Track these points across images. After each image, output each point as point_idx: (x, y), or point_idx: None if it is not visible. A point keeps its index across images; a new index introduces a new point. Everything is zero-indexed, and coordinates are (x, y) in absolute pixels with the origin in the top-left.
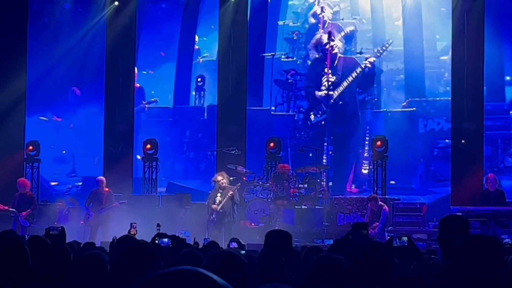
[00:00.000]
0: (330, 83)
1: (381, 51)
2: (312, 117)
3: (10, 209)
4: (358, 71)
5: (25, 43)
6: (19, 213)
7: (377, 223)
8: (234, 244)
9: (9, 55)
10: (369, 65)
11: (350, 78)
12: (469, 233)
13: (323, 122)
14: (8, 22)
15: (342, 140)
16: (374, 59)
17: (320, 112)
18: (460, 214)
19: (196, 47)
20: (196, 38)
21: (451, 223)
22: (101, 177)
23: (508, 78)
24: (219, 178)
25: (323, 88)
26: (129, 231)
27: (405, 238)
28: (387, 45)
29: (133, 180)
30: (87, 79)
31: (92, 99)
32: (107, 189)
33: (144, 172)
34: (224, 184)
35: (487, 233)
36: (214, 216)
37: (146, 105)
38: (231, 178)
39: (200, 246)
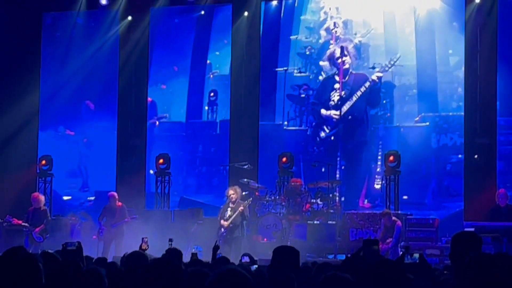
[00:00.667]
0: (339, 97)
1: (389, 66)
2: (322, 134)
3: (23, 223)
4: (366, 86)
5: (38, 58)
6: (32, 228)
7: (391, 239)
8: (246, 258)
9: (22, 70)
10: (377, 80)
11: (358, 93)
12: (482, 250)
13: (332, 138)
14: (22, 37)
15: (354, 155)
16: (381, 74)
17: (328, 128)
18: (472, 230)
19: (209, 61)
20: (209, 53)
21: (464, 239)
22: (113, 192)
23: None
24: (231, 192)
25: (331, 103)
26: (140, 246)
27: (416, 255)
28: (395, 60)
29: (145, 194)
30: (100, 93)
31: (105, 113)
32: (120, 203)
33: (156, 186)
34: (234, 199)
35: (500, 249)
36: (223, 231)
37: (157, 121)
38: (243, 193)
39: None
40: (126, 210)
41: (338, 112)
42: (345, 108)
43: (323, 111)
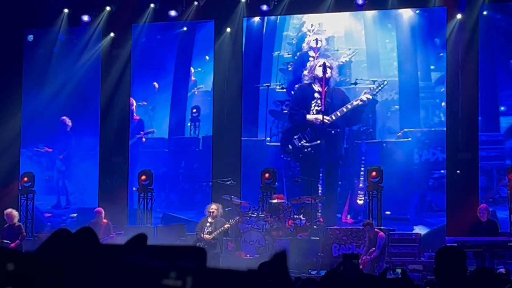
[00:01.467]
0: (319, 109)
1: (376, 90)
2: (296, 142)
3: (4, 240)
4: (355, 104)
5: (20, 76)
6: (8, 243)
7: (375, 250)
8: None
9: (4, 88)
10: (366, 101)
11: (345, 109)
12: (465, 265)
13: (309, 149)
14: (4, 55)
15: (337, 171)
16: (370, 97)
17: (307, 138)
18: (456, 245)
19: (193, 78)
20: (192, 69)
21: (448, 254)
22: (99, 208)
23: (502, 108)
24: (213, 207)
25: (312, 113)
26: None
27: (399, 270)
28: (382, 86)
29: (128, 211)
30: (82, 110)
31: (87, 130)
32: (105, 220)
33: (139, 203)
34: (215, 214)
35: (483, 264)
36: (202, 245)
37: (144, 137)
38: (227, 209)
39: None
40: (111, 228)
41: (328, 118)
42: (328, 121)
43: (309, 116)
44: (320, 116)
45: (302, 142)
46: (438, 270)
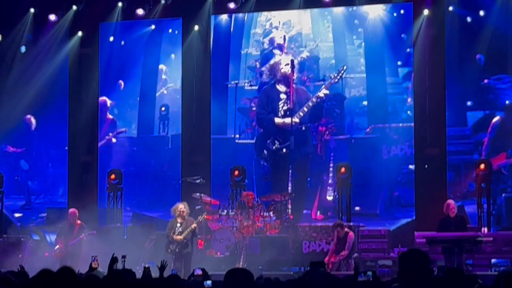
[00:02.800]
0: (287, 108)
1: (338, 77)
2: (270, 146)
3: None
4: (314, 101)
5: None
6: None
7: (344, 251)
8: (198, 271)
9: None
10: (323, 97)
11: (306, 108)
12: (429, 267)
13: (284, 150)
14: None
15: (306, 167)
16: (328, 92)
17: (279, 140)
18: (419, 248)
19: (164, 76)
20: (161, 67)
21: (411, 258)
22: (73, 210)
23: (469, 103)
24: (181, 206)
25: (280, 115)
26: (90, 265)
27: (370, 273)
28: (342, 71)
29: (98, 210)
30: (50, 109)
31: (56, 129)
32: (79, 222)
33: (109, 202)
34: (184, 214)
35: (451, 259)
36: (175, 246)
37: (113, 138)
38: (196, 207)
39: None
40: (85, 228)
41: (297, 119)
42: (296, 120)
43: (277, 120)
44: (288, 120)
45: (276, 146)
46: (402, 274)
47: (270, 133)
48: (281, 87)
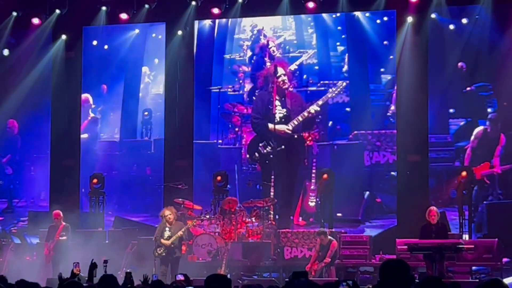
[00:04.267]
0: (282, 115)
1: (336, 92)
2: (262, 149)
3: None
4: (305, 115)
5: None
6: None
7: (327, 259)
8: (180, 276)
9: None
10: (314, 113)
11: (300, 118)
12: (410, 276)
13: (271, 156)
14: None
15: (288, 173)
16: (318, 108)
17: (271, 145)
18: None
19: (147, 80)
20: (146, 70)
21: (391, 268)
22: (56, 211)
23: (451, 110)
24: (167, 212)
25: (276, 121)
26: (72, 271)
27: (350, 282)
28: (341, 87)
29: (80, 215)
30: (33, 113)
31: (37, 133)
32: (63, 223)
33: (90, 206)
34: (171, 219)
35: (432, 266)
36: (162, 250)
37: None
38: (178, 213)
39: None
40: (69, 230)
41: (290, 127)
42: (289, 127)
43: (271, 126)
44: (284, 127)
45: (267, 149)
46: (383, 284)
47: (264, 137)
48: (277, 95)
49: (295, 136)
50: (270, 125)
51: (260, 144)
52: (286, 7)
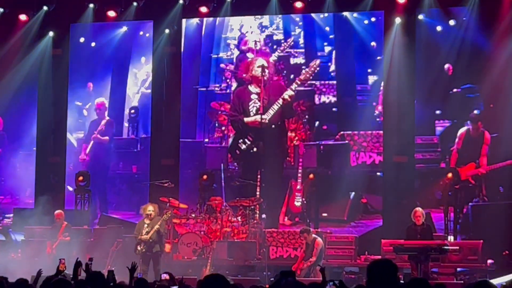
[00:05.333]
0: (258, 108)
1: (310, 72)
2: (243, 146)
3: None
4: (280, 103)
5: None
6: None
7: (313, 258)
8: (165, 276)
9: None
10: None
11: (275, 107)
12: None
13: (255, 149)
14: None
15: (275, 173)
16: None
17: (250, 139)
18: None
19: (133, 77)
20: (134, 70)
21: (379, 268)
22: (58, 212)
23: (438, 112)
24: (150, 208)
25: (251, 114)
26: (58, 267)
27: (336, 282)
28: (315, 66)
29: (65, 212)
30: (19, 110)
31: (23, 130)
32: (65, 223)
33: (76, 204)
34: (152, 216)
35: (417, 267)
36: (142, 247)
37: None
38: (164, 211)
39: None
40: (70, 229)
41: (266, 117)
42: (266, 117)
43: (246, 119)
44: (258, 117)
45: (246, 144)
46: (371, 284)
47: (242, 134)
48: (253, 88)
49: (273, 126)
50: (246, 119)
51: (240, 141)
52: (274, 7)
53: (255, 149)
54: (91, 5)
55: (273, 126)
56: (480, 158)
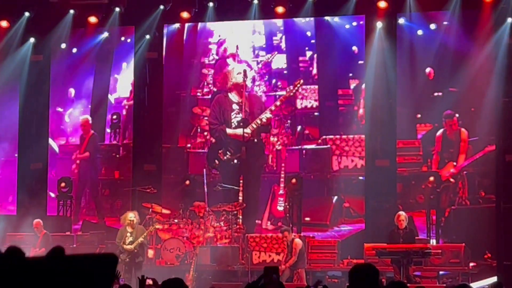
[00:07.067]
0: (240, 120)
1: (293, 91)
2: (221, 156)
3: None
4: (259, 122)
5: None
6: None
7: (292, 257)
8: (148, 281)
9: None
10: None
11: (259, 121)
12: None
13: (235, 161)
14: None
15: (257, 178)
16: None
17: (231, 151)
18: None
19: (116, 84)
20: (116, 76)
21: (360, 273)
22: (35, 221)
23: (419, 115)
24: (131, 215)
25: (233, 126)
26: None
27: (321, 286)
28: (298, 85)
29: (46, 218)
30: (1, 116)
31: (5, 136)
32: (44, 231)
33: (58, 210)
34: (134, 223)
35: (399, 271)
36: (125, 256)
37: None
38: (147, 217)
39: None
40: (49, 237)
41: (248, 131)
42: (249, 131)
43: (229, 131)
44: (239, 131)
45: (227, 156)
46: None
47: (222, 144)
48: (234, 97)
49: (255, 140)
50: (229, 130)
51: (219, 151)
52: (255, 12)
53: (235, 161)
54: (72, 11)
55: (255, 140)
56: (459, 156)
